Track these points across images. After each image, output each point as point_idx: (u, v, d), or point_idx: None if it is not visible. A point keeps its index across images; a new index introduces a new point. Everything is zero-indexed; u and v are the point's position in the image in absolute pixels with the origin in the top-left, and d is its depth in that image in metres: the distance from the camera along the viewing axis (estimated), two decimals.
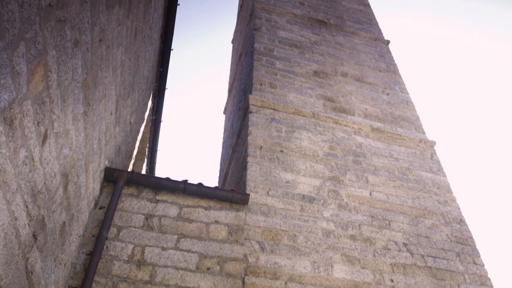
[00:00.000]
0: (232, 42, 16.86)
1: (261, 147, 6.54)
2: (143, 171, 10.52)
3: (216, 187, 5.28)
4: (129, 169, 7.60)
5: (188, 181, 5.22)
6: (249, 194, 5.32)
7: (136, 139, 7.69)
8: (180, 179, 5.23)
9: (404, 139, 7.82)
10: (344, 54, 9.97)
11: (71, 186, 3.61)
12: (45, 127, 2.70)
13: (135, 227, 4.76)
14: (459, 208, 6.72)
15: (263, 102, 7.43)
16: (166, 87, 9.26)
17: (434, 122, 31.12)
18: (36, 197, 2.80)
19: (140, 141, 8.88)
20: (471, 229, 9.63)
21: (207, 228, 4.98)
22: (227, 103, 13.63)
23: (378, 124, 7.96)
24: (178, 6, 7.87)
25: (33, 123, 2.50)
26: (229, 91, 13.69)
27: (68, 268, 4.06)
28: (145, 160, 10.19)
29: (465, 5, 31.79)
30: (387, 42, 11.27)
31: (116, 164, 5.64)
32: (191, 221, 4.99)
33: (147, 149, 10.02)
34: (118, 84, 4.77)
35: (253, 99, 7.43)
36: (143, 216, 4.89)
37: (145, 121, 8.31)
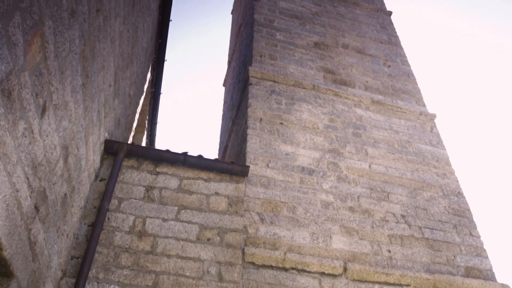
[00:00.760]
0: (232, 13, 16.58)
1: (261, 119, 6.53)
2: (143, 144, 10.54)
3: (216, 159, 5.30)
4: (129, 142, 7.61)
5: (188, 153, 5.23)
6: (249, 166, 5.35)
7: (136, 112, 7.67)
8: (180, 152, 5.25)
9: (405, 112, 7.80)
10: (346, 25, 9.82)
11: (71, 158, 3.62)
12: (43, 99, 2.69)
13: (136, 199, 4.81)
14: (457, 181, 6.76)
15: (263, 74, 7.37)
16: (165, 59, 9.16)
17: (434, 95, 30.98)
18: (37, 169, 2.81)
19: (140, 113, 8.86)
20: (468, 201, 9.73)
21: (207, 200, 5.02)
22: (226, 75, 13.52)
23: (379, 97, 7.92)
24: None
25: (31, 95, 2.49)
26: (229, 63, 13.56)
27: (71, 239, 4.12)
28: (145, 132, 10.19)
29: None
30: (389, 13, 11.09)
31: (116, 137, 5.64)
32: (191, 192, 5.03)
33: (146, 122, 10.00)
34: (116, 55, 4.72)
35: (253, 71, 7.37)
36: (144, 188, 4.93)
37: (144, 93, 8.26)
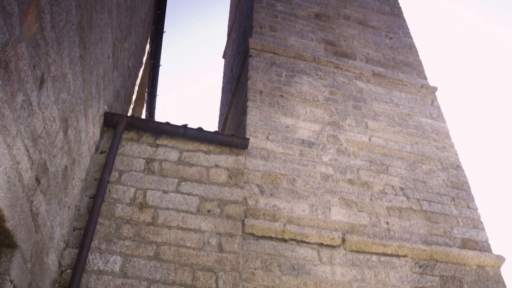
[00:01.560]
0: None
1: (261, 92, 6.49)
2: (143, 116, 10.52)
3: (216, 132, 5.30)
4: (129, 114, 7.59)
5: (188, 126, 5.23)
6: (248, 139, 5.35)
7: (135, 84, 7.62)
8: (180, 124, 5.24)
9: (406, 85, 7.74)
10: None
11: (71, 130, 3.62)
12: (41, 71, 2.66)
13: (136, 171, 4.83)
14: (456, 154, 6.78)
15: (263, 46, 7.29)
16: (164, 30, 9.01)
17: (436, 68, 30.69)
18: (37, 141, 2.82)
19: (139, 86, 8.79)
20: (467, 174, 9.78)
21: (207, 172, 5.05)
22: (226, 47, 13.36)
23: (380, 69, 7.85)
24: None
25: (29, 66, 2.46)
26: (229, 34, 13.38)
27: (72, 211, 4.17)
28: (145, 105, 10.15)
29: None
30: None
31: (115, 109, 5.62)
32: (191, 165, 5.06)
33: (146, 94, 9.94)
34: (114, 26, 4.65)
35: (253, 42, 7.27)
36: (144, 160, 4.95)
37: (143, 65, 8.18)
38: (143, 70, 8.55)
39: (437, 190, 6.10)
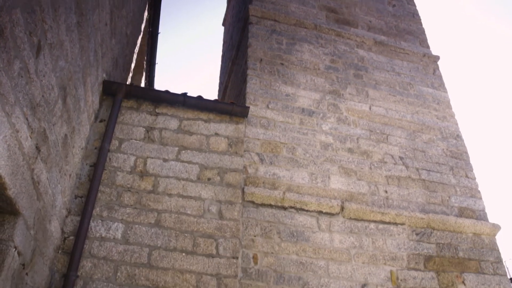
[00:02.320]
0: None
1: (261, 60, 6.42)
2: (142, 85, 10.43)
3: (215, 100, 5.28)
4: (128, 83, 7.53)
5: (188, 94, 5.19)
6: (248, 107, 5.33)
7: (134, 52, 7.51)
8: (179, 92, 5.21)
9: (408, 53, 7.65)
10: None
11: (70, 99, 3.60)
12: (37, 38, 2.62)
13: (136, 140, 4.84)
14: (457, 124, 6.77)
15: (264, 13, 7.15)
16: None
17: (439, 37, 30.22)
18: (36, 109, 2.80)
19: (138, 54, 8.68)
20: (467, 144, 9.79)
21: (207, 140, 5.06)
22: (226, 14, 13.11)
23: (382, 37, 7.73)
24: None
25: (25, 33, 2.42)
26: (228, 1, 13.10)
27: (73, 179, 4.20)
28: (144, 73, 10.05)
29: None
30: None
31: (114, 77, 5.57)
32: (191, 133, 5.06)
33: (145, 63, 9.83)
34: None
35: (253, 9, 7.13)
36: (144, 129, 4.94)
37: (142, 33, 8.05)
38: (142, 38, 8.42)
39: (436, 160, 6.12)
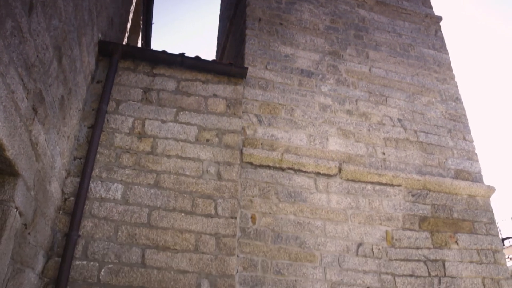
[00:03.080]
0: None
1: (259, 19, 6.28)
2: (139, 46, 10.24)
3: (213, 61, 5.20)
4: (124, 43, 7.39)
5: (185, 55, 5.12)
6: (247, 68, 5.27)
7: (129, 11, 7.33)
8: (176, 53, 5.13)
9: (409, 14, 7.48)
10: None
11: (65, 59, 3.54)
12: None
13: (134, 101, 4.80)
14: (456, 86, 6.72)
15: None
16: None
17: None
18: (31, 70, 2.76)
19: (134, 13, 8.47)
20: (466, 107, 9.75)
21: (206, 102, 5.03)
22: None
23: None
24: None
25: None
26: None
27: (72, 141, 4.19)
28: (140, 34, 9.85)
29: None
30: None
31: (109, 38, 5.46)
32: (189, 94, 5.02)
33: (141, 23, 9.61)
34: None
35: None
36: (141, 90, 4.90)
37: None
38: None
39: (434, 122, 6.12)
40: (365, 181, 5.18)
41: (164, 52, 5.06)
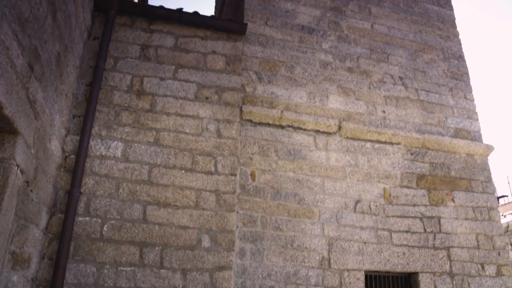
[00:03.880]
0: None
1: None
2: (135, 1, 9.96)
3: (212, 16, 5.08)
4: None
5: (183, 10, 4.99)
6: (246, 24, 5.15)
7: None
8: (174, 8, 5.00)
9: None
10: None
11: (60, 14, 3.45)
12: None
13: (131, 58, 4.73)
14: (460, 44, 6.60)
15: None
16: None
17: None
18: (25, 26, 2.70)
19: None
20: (468, 65, 9.62)
21: (205, 59, 4.95)
22: None
23: None
24: None
25: None
26: None
27: (70, 99, 4.16)
28: None
29: None
30: None
31: None
32: (188, 51, 4.94)
33: None
34: None
35: None
36: (139, 47, 4.81)
37: None
38: None
39: (436, 80, 6.06)
40: (365, 139, 5.20)
41: (161, 8, 4.94)
